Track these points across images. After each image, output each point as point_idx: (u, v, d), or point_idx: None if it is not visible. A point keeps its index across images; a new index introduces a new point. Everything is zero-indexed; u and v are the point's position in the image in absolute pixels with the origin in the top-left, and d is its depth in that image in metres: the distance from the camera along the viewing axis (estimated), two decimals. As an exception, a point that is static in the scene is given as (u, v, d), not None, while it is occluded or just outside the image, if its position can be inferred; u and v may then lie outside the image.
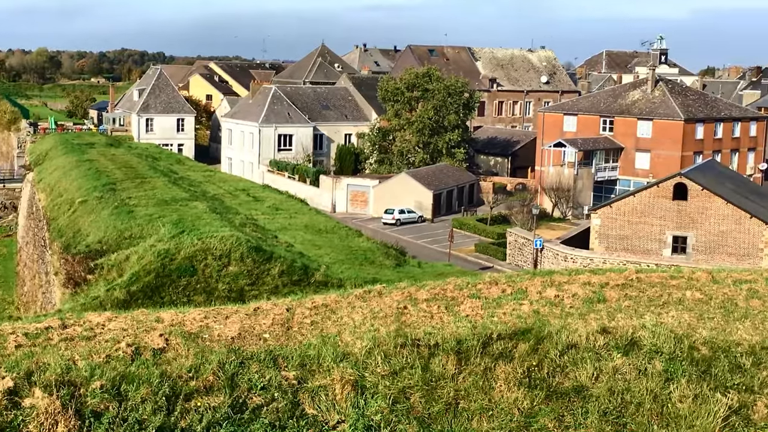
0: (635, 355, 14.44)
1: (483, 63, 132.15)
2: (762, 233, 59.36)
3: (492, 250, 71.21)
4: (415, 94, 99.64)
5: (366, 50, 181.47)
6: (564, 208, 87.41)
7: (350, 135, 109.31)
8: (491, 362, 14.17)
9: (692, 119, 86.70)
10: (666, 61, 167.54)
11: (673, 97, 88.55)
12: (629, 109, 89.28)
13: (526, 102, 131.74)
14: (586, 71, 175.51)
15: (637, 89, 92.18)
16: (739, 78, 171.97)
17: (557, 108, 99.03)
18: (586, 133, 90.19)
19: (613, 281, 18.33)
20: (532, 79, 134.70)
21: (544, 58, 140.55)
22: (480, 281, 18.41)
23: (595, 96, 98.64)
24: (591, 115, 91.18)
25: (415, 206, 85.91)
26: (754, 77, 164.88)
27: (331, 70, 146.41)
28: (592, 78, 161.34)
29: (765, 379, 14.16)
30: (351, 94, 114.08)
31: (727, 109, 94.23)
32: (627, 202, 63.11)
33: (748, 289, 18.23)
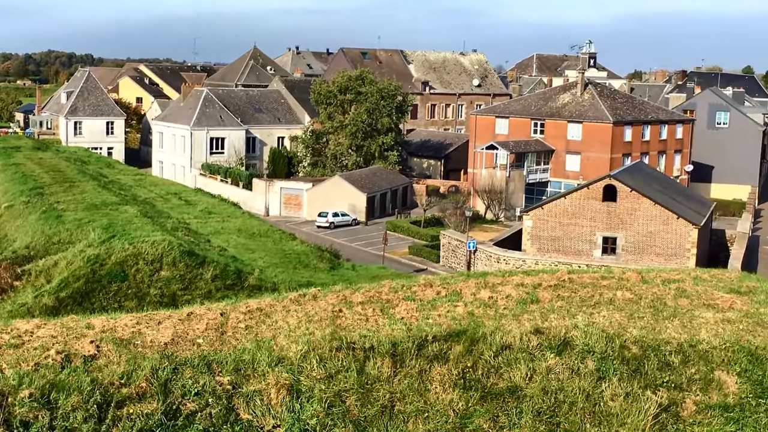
0: (568, 354, 14.62)
1: (416, 66, 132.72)
2: (689, 234, 60.59)
3: (426, 253, 71.54)
4: (348, 97, 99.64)
5: (299, 53, 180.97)
6: (496, 210, 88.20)
7: (283, 138, 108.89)
8: (426, 364, 14.23)
9: (621, 122, 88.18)
10: (595, 64, 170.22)
11: (602, 100, 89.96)
12: (559, 112, 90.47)
13: (458, 105, 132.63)
14: (517, 74, 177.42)
15: (567, 92, 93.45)
16: (666, 81, 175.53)
17: (489, 111, 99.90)
18: (517, 135, 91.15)
19: (545, 282, 18.52)
20: (464, 82, 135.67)
21: (475, 61, 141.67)
22: (415, 283, 18.46)
23: (526, 99, 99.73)
24: (522, 117, 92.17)
25: (348, 209, 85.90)
26: (679, 81, 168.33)
27: (263, 73, 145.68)
28: (523, 81, 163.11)
29: (693, 376, 14.44)
30: (284, 96, 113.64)
31: (654, 112, 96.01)
32: (558, 203, 63.91)
33: (677, 289, 18.57)
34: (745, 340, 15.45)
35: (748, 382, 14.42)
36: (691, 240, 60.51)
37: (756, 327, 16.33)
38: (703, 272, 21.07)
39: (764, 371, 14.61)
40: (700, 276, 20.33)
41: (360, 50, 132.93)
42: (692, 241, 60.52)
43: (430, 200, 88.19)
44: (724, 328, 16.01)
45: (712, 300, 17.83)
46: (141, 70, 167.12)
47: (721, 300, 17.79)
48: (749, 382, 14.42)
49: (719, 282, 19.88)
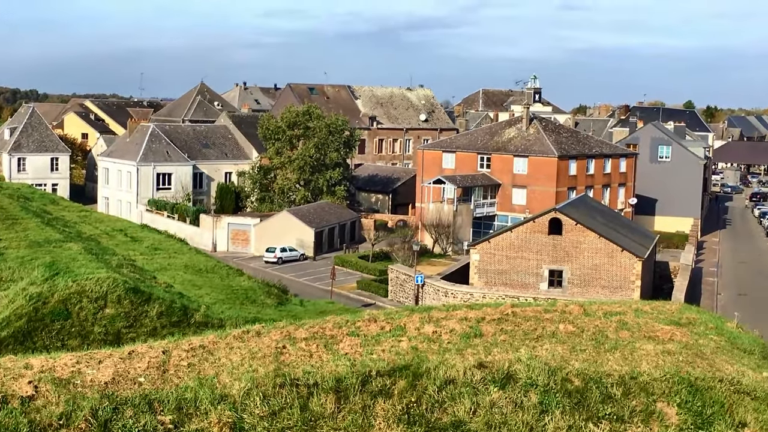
0: (511, 388, 14.72)
1: (363, 101, 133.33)
2: (633, 266, 61.31)
3: (374, 287, 71.49)
4: (296, 132, 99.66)
5: (246, 88, 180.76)
6: (444, 244, 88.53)
7: (231, 173, 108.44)
8: (370, 400, 14.22)
9: (565, 156, 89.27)
10: (540, 99, 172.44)
11: (547, 134, 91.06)
12: (505, 146, 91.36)
13: (405, 140, 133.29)
14: (463, 109, 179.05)
15: (513, 127, 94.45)
16: (609, 116, 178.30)
17: (436, 145, 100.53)
18: (464, 169, 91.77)
19: (489, 316, 18.66)
20: (412, 117, 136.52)
21: (422, 96, 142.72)
22: (359, 319, 18.47)
23: (473, 133, 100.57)
24: (469, 152, 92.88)
25: (296, 244, 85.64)
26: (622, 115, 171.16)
27: (210, 108, 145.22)
28: (469, 116, 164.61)
29: (635, 408, 14.62)
30: (231, 132, 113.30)
31: (598, 146, 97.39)
32: (505, 237, 64.36)
33: (618, 321, 18.82)
34: (684, 371, 15.69)
35: (689, 413, 14.63)
36: (636, 272, 61.22)
37: (695, 358, 16.59)
38: (644, 304, 21.38)
39: (704, 402, 14.84)
40: (641, 308, 20.63)
41: (307, 85, 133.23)
42: (636, 273, 61.23)
43: (378, 234, 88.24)
44: (664, 360, 16.25)
45: (653, 332, 18.09)
46: (86, 106, 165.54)
47: (661, 332, 18.06)
48: (689, 413, 14.63)
49: (660, 314, 20.19)
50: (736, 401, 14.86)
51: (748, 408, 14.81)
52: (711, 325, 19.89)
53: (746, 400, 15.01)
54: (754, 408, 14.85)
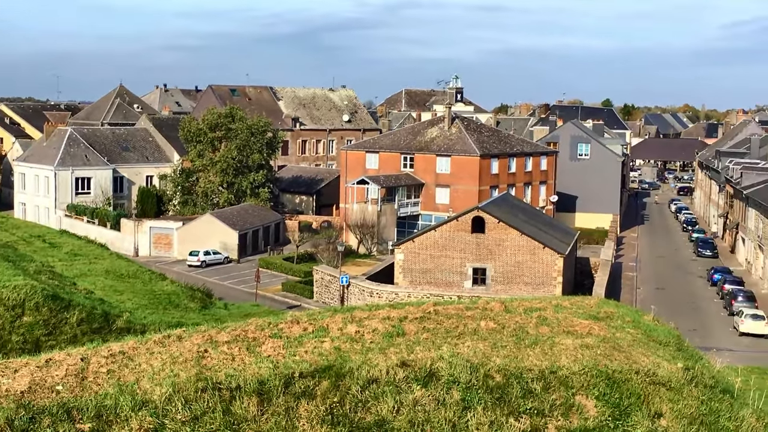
0: (434, 386, 14.83)
1: (285, 102, 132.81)
2: (555, 262, 62.26)
3: (299, 289, 71.30)
4: (218, 134, 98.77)
5: (167, 90, 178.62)
6: (369, 245, 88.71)
7: (152, 177, 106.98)
8: (293, 401, 14.21)
9: (487, 155, 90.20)
10: (462, 99, 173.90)
11: (469, 133, 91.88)
12: (428, 146, 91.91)
13: (329, 140, 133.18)
14: (386, 109, 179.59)
15: (435, 127, 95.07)
16: (530, 115, 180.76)
17: (359, 146, 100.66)
18: (388, 170, 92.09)
19: (411, 315, 18.77)
20: (335, 117, 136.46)
21: (345, 97, 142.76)
22: (282, 321, 18.43)
23: (396, 134, 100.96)
24: (392, 152, 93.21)
25: (220, 247, 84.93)
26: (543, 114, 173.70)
27: (130, 111, 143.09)
28: (392, 116, 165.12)
29: (555, 402, 14.85)
30: (152, 135, 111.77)
31: (520, 145, 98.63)
32: (429, 236, 64.77)
33: (538, 317, 19.10)
34: (602, 364, 16.00)
35: (607, 405, 14.92)
36: (557, 268, 62.18)
37: (613, 351, 16.94)
38: (564, 300, 21.75)
39: (621, 394, 15.16)
40: (561, 304, 20.98)
41: (229, 87, 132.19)
42: (558, 269, 62.19)
43: (302, 236, 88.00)
44: (583, 354, 16.54)
45: (572, 327, 18.41)
46: (1, 110, 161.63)
47: (580, 326, 18.39)
48: (607, 405, 14.92)
49: (579, 309, 20.56)
50: (651, 392, 15.21)
51: (664, 398, 15.16)
52: (628, 318, 20.33)
53: (662, 391, 15.37)
54: (669, 398, 15.22)
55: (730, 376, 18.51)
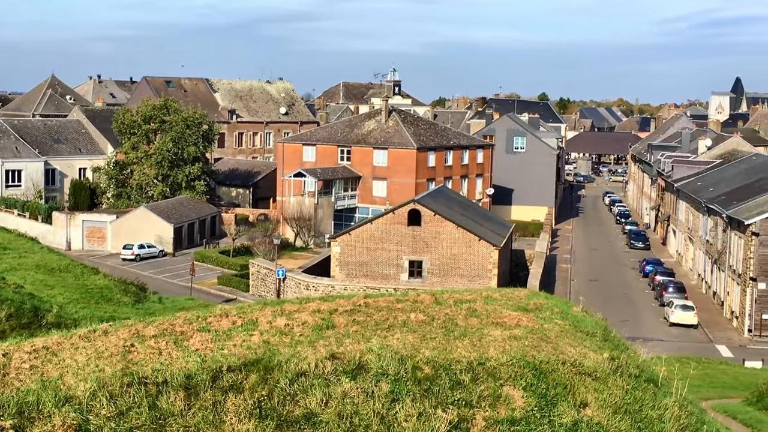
0: (363, 378, 14.84)
1: (221, 94, 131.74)
2: (490, 255, 62.75)
3: (235, 282, 70.88)
4: (153, 126, 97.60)
5: (101, 81, 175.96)
6: (306, 238, 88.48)
7: (85, 169, 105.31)
8: (221, 395, 14.11)
9: (424, 148, 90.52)
10: (399, 92, 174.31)
11: (406, 126, 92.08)
12: (365, 138, 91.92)
13: (266, 133, 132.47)
14: (324, 102, 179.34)
15: (373, 119, 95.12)
16: (467, 108, 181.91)
17: (296, 138, 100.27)
18: (325, 162, 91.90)
19: (342, 308, 18.76)
20: (272, 110, 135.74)
21: (282, 89, 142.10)
22: (210, 314, 18.29)
23: (333, 126, 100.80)
24: (329, 145, 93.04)
25: (155, 241, 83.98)
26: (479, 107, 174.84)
27: (62, 102, 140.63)
28: (330, 109, 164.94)
29: (483, 393, 14.96)
30: (85, 126, 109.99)
31: (456, 138, 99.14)
32: (365, 229, 64.81)
33: (468, 309, 19.22)
34: (530, 355, 16.17)
35: (534, 396, 15.08)
36: (493, 261, 62.69)
37: (540, 342, 17.13)
38: (494, 292, 21.92)
39: (548, 384, 15.33)
40: (491, 296, 21.14)
41: (164, 78, 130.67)
42: (493, 261, 62.69)
43: (239, 229, 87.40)
44: (511, 345, 16.70)
45: (501, 318, 18.57)
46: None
47: (508, 318, 18.56)
48: (534, 396, 15.08)
49: (509, 301, 20.74)
50: (578, 382, 15.40)
51: (589, 388, 15.38)
52: (557, 309, 20.57)
53: (587, 381, 15.58)
54: (595, 388, 15.43)
55: (656, 365, 18.84)
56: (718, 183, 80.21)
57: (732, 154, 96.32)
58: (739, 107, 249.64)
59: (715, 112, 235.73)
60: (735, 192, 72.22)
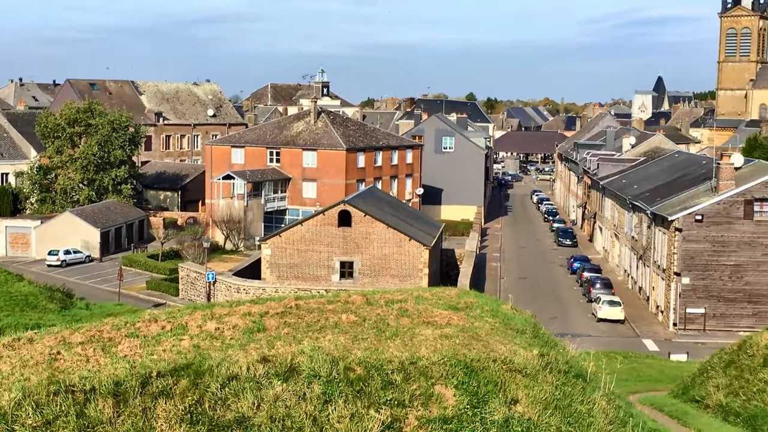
0: (295, 380, 14.78)
1: (148, 97, 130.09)
2: (421, 254, 63.08)
3: (164, 286, 70.08)
4: (78, 129, 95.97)
5: (22, 84, 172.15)
6: (236, 240, 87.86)
7: (7, 174, 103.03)
8: (151, 402, 13.93)
9: (354, 149, 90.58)
10: (328, 93, 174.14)
11: (335, 127, 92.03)
12: (294, 140, 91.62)
13: (193, 135, 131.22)
14: (252, 104, 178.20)
15: (301, 121, 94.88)
16: (396, 109, 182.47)
17: (225, 141, 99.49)
18: (254, 164, 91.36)
19: (273, 310, 18.66)
20: (199, 112, 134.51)
21: (209, 91, 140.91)
22: (139, 319, 18.04)
23: (262, 128, 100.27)
24: (258, 146, 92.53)
25: (82, 246, 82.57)
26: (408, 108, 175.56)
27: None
28: (258, 110, 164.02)
29: (415, 392, 15.01)
30: (6, 130, 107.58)
31: (386, 139, 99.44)
32: (295, 231, 64.62)
33: (399, 309, 19.26)
34: (461, 353, 16.25)
35: (465, 394, 15.17)
36: (423, 260, 63.02)
37: (471, 341, 17.25)
38: (425, 291, 22.02)
39: (479, 382, 15.44)
40: (422, 295, 21.23)
41: (88, 81, 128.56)
42: (424, 261, 63.03)
43: (167, 233, 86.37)
44: (442, 344, 16.77)
45: (432, 317, 18.65)
46: None
47: (439, 317, 18.65)
48: (466, 394, 15.17)
49: (439, 300, 20.85)
50: (508, 379, 15.54)
51: (520, 385, 15.53)
52: (487, 308, 20.73)
53: (518, 378, 15.74)
54: (525, 385, 15.59)
55: (584, 360, 19.12)
56: (642, 180, 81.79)
57: (655, 152, 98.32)
58: (661, 106, 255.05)
59: (638, 110, 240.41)
60: (659, 189, 73.73)
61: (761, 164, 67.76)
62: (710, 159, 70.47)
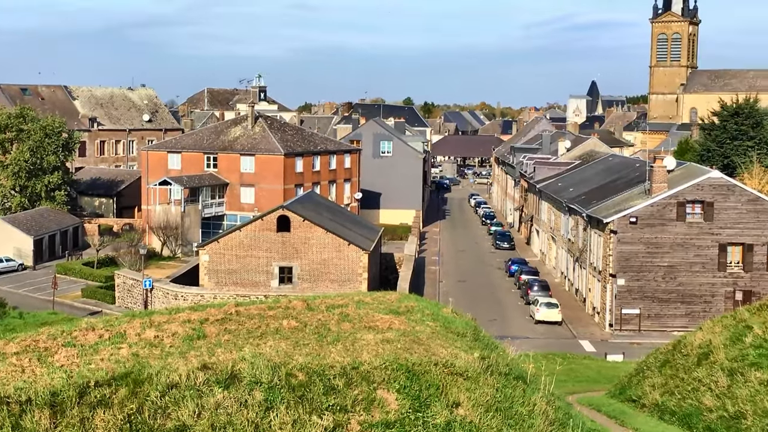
0: (236, 387, 14.69)
1: (81, 102, 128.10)
2: (360, 259, 63.08)
3: (100, 294, 69.00)
4: (9, 135, 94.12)
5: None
6: (173, 247, 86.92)
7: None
8: (89, 412, 13.73)
9: (292, 153, 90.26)
10: (265, 98, 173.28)
11: (272, 132, 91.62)
12: (232, 145, 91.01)
13: (129, 141, 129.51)
14: (188, 109, 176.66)
15: (239, 126, 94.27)
16: (333, 113, 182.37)
17: (161, 146, 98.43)
18: (191, 170, 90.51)
19: (213, 317, 18.52)
20: (134, 117, 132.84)
21: (145, 96, 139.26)
22: (76, 328, 17.75)
23: (198, 133, 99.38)
24: (195, 152, 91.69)
25: (14, 254, 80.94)
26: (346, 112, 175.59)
27: None
28: (195, 115, 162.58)
29: (357, 397, 15.01)
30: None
31: (324, 143, 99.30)
32: (234, 236, 64.15)
33: (340, 314, 19.26)
34: (403, 358, 16.31)
35: (407, 398, 15.22)
36: (363, 265, 63.02)
37: (412, 345, 17.31)
38: (366, 296, 22.03)
39: (421, 386, 15.50)
40: (363, 300, 21.24)
41: (20, 86, 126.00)
42: (363, 265, 63.04)
43: (103, 240, 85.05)
44: (384, 348, 16.81)
45: (373, 322, 18.68)
46: None
47: (380, 321, 18.68)
48: (408, 398, 15.22)
49: (380, 304, 20.88)
50: (450, 382, 15.63)
51: (461, 388, 15.62)
52: (428, 311, 20.82)
53: (459, 381, 15.83)
54: (467, 387, 15.69)
55: (524, 362, 19.30)
56: (578, 183, 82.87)
57: (590, 155, 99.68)
58: (595, 110, 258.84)
59: (573, 114, 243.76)
60: (594, 192, 74.76)
61: (693, 167, 69.12)
62: (643, 162, 71.66)
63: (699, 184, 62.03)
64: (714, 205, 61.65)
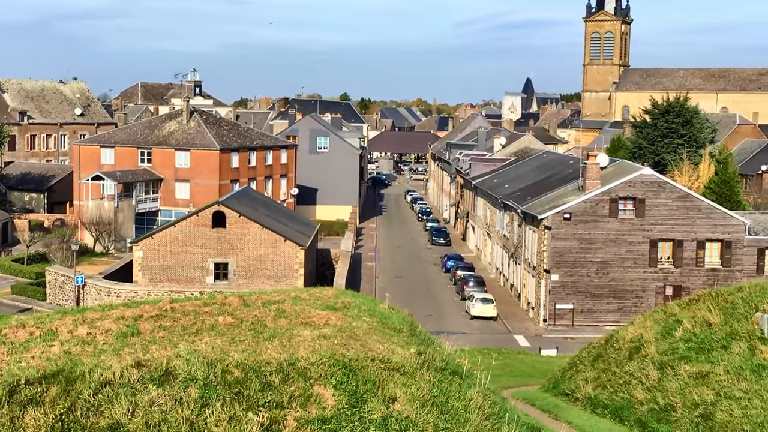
0: (171, 385, 14.54)
1: (11, 95, 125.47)
2: (296, 255, 62.88)
3: (30, 291, 67.72)
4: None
5: None
6: (106, 243, 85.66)
7: None
8: (19, 411, 13.48)
9: (227, 149, 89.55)
10: (201, 92, 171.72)
11: (208, 127, 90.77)
12: (166, 140, 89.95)
13: (60, 135, 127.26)
14: (122, 103, 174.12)
15: (173, 120, 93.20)
16: (270, 108, 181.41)
17: (93, 140, 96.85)
18: (124, 165, 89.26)
19: (147, 313, 18.30)
20: (66, 111, 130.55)
21: (77, 89, 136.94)
22: (6, 326, 17.41)
23: (132, 128, 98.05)
24: (129, 146, 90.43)
25: (-59, 250, 79.06)
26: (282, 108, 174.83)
27: None
28: (128, 110, 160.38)
29: (293, 393, 14.96)
30: None
31: (259, 139, 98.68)
32: (168, 232, 63.46)
33: (277, 310, 19.17)
34: (339, 353, 16.30)
35: (344, 394, 15.22)
36: (299, 261, 62.83)
37: (349, 340, 17.31)
38: (303, 292, 21.97)
39: (358, 382, 15.51)
40: (300, 296, 21.18)
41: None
42: (300, 261, 62.85)
43: (33, 236, 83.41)
44: (320, 344, 16.78)
45: (310, 318, 18.63)
46: None
47: (317, 317, 18.65)
48: (345, 393, 15.22)
49: (317, 300, 20.84)
50: (386, 378, 15.66)
51: (398, 383, 15.66)
52: (365, 307, 20.84)
53: (396, 376, 15.87)
54: (403, 383, 15.73)
55: (460, 357, 19.42)
56: (513, 180, 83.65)
57: (525, 152, 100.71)
58: (530, 107, 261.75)
59: (508, 111, 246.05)
60: (529, 188, 75.55)
61: (625, 164, 70.25)
62: (577, 159, 72.64)
63: (631, 180, 63.06)
64: (645, 202, 62.74)
